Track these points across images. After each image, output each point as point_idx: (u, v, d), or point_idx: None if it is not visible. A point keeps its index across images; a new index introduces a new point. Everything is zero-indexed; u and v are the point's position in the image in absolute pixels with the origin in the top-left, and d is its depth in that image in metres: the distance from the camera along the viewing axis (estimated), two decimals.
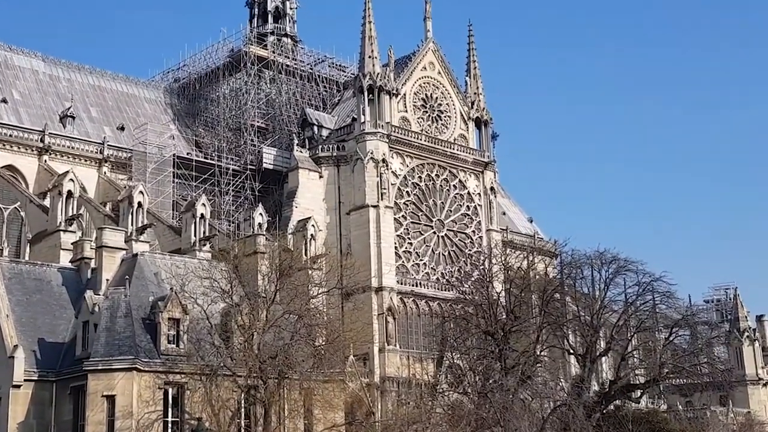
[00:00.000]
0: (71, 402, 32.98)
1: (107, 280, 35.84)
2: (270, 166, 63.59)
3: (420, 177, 62.99)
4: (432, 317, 59.23)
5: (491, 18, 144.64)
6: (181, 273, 34.81)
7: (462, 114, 66.74)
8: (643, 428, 43.71)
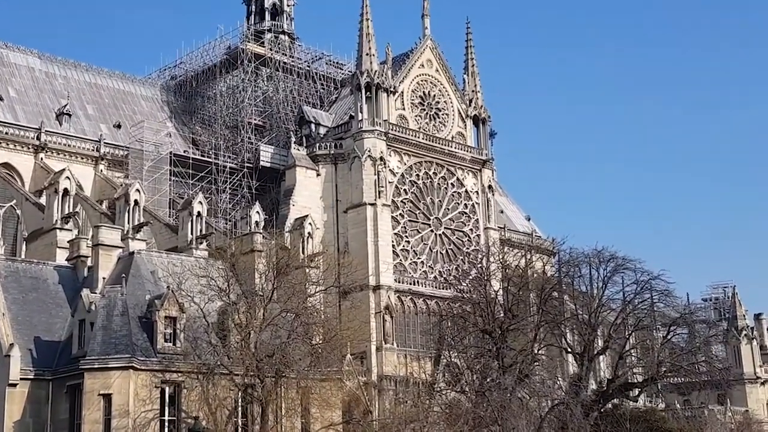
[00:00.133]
0: (67, 401, 32.90)
1: (104, 279, 35.80)
2: (267, 164, 63.43)
3: (418, 175, 62.87)
4: (429, 316, 59.16)
5: (489, 16, 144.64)
6: (178, 271, 34.69)
7: (460, 112, 66.61)
8: (641, 427, 43.67)
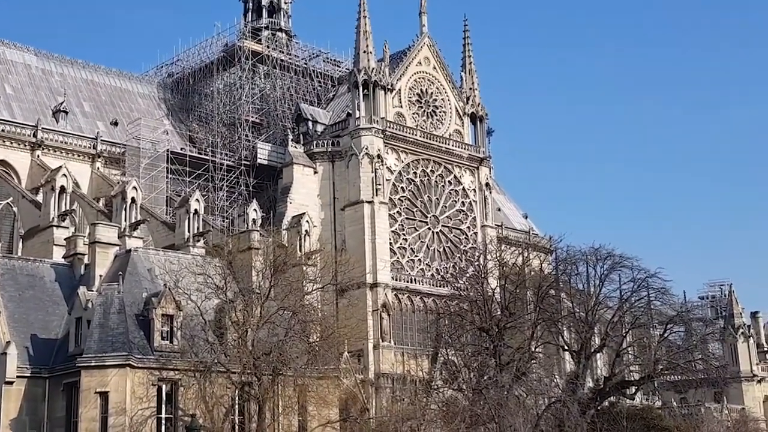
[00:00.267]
0: (64, 398, 32.83)
1: (100, 276, 35.78)
2: (264, 162, 63.36)
3: (415, 173, 62.84)
4: (427, 313, 59.14)
5: (487, 13, 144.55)
6: (175, 269, 34.68)
7: (457, 109, 66.59)
8: (638, 425, 43.69)
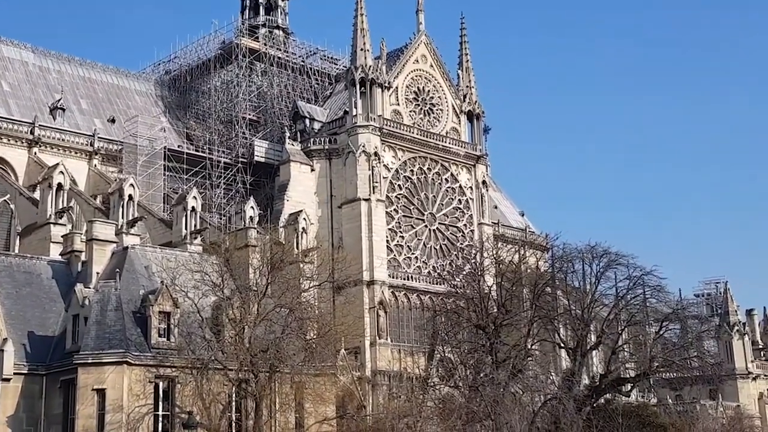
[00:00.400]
0: (61, 395, 32.90)
1: (97, 274, 35.78)
2: (261, 159, 63.41)
3: (412, 170, 62.93)
4: (423, 311, 59.29)
5: (484, 11, 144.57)
6: (172, 266, 34.74)
7: (454, 107, 66.67)
8: (633, 422, 43.85)
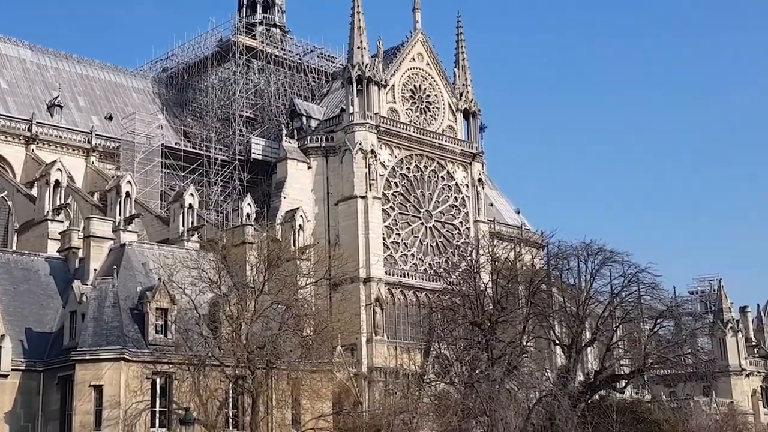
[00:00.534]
0: (59, 392, 33.09)
1: (95, 270, 35.92)
2: (258, 157, 63.57)
3: (408, 168, 63.13)
4: (419, 308, 59.49)
5: (480, 10, 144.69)
6: (169, 263, 34.88)
7: (450, 105, 66.85)
8: (627, 418, 44.08)
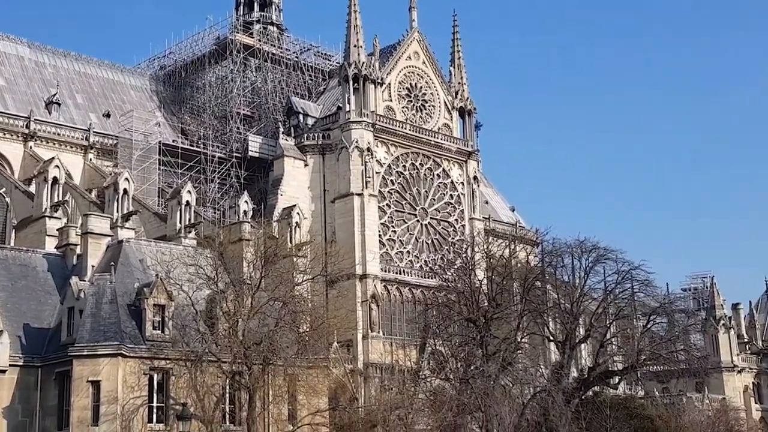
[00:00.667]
0: (56, 387, 33.25)
1: (93, 267, 36.12)
2: (255, 154, 63.76)
3: (404, 166, 63.41)
4: (415, 304, 59.78)
5: (476, 9, 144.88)
6: (167, 260, 35.09)
7: (446, 103, 67.14)
8: (621, 414, 44.44)
